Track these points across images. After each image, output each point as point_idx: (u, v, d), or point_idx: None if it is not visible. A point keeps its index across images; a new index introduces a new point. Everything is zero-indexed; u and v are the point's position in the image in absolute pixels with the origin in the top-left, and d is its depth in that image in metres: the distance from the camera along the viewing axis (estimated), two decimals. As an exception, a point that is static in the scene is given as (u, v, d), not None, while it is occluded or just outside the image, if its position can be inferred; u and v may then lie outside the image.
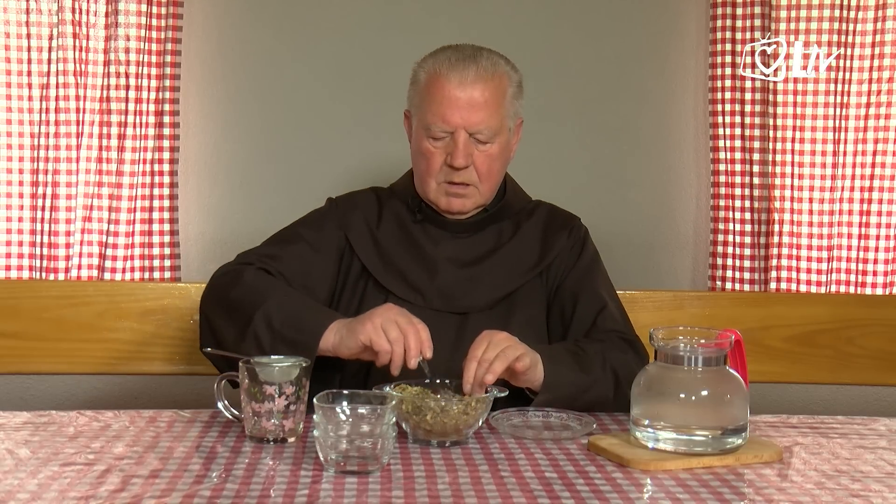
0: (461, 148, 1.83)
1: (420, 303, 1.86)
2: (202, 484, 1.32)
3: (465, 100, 1.82)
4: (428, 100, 1.86)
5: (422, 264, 1.90)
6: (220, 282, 1.83)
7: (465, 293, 1.88)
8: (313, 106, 2.66)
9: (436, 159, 1.87)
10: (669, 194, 2.75)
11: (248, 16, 2.64)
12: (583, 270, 1.94)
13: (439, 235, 1.93)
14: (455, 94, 1.82)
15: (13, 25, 2.45)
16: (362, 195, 2.01)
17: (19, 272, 2.49)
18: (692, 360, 1.49)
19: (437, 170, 1.87)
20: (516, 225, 1.96)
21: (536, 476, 1.38)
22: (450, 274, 1.89)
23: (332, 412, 1.40)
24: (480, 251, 1.92)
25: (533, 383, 1.69)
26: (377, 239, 1.93)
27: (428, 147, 1.87)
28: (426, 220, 1.94)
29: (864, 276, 2.61)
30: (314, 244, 1.91)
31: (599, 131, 2.73)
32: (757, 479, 1.40)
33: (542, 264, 1.92)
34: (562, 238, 1.95)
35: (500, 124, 1.86)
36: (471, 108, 1.82)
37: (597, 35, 2.71)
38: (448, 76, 1.83)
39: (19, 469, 1.37)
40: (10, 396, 2.57)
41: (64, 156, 2.48)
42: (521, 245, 1.94)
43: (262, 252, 1.90)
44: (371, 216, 1.96)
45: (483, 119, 1.83)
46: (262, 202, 2.67)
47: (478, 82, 1.83)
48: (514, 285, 1.90)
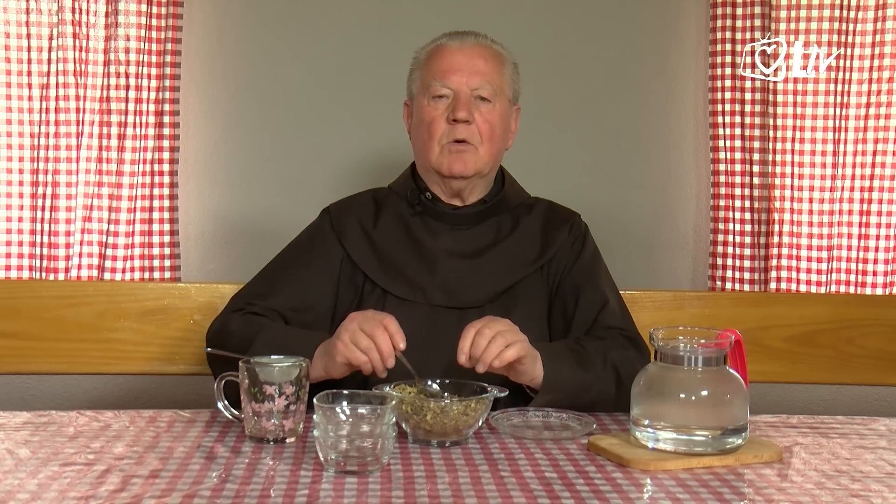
0: (463, 101, 1.87)
1: (421, 300, 1.86)
2: (202, 484, 1.32)
3: (465, 60, 1.89)
4: (429, 67, 1.91)
5: (421, 259, 1.90)
6: (213, 342, 1.83)
7: (465, 287, 1.88)
8: (313, 106, 2.67)
9: (438, 122, 1.88)
10: (669, 194, 2.75)
11: (249, 16, 2.64)
12: (584, 267, 1.94)
13: (438, 228, 1.93)
14: (456, 57, 1.89)
15: (13, 25, 2.45)
16: (357, 199, 2.02)
17: (19, 272, 2.49)
18: (692, 360, 1.49)
19: (440, 132, 1.88)
20: (515, 219, 1.97)
21: (536, 476, 1.38)
22: (450, 267, 1.89)
23: (332, 412, 1.40)
24: (480, 244, 1.93)
25: (532, 380, 1.68)
26: (373, 239, 1.93)
27: (430, 111, 1.89)
28: (425, 213, 1.94)
29: (864, 276, 2.61)
30: (307, 265, 1.92)
31: (599, 131, 2.73)
32: (757, 479, 1.40)
33: (542, 259, 1.92)
34: (562, 234, 1.96)
35: (501, 86, 1.91)
36: (472, 68, 1.88)
37: (597, 35, 2.71)
38: (448, 45, 1.91)
39: (19, 469, 1.37)
40: (10, 396, 2.58)
41: (64, 156, 2.48)
42: (521, 239, 1.94)
43: (252, 291, 1.91)
44: (366, 218, 1.96)
45: (485, 75, 1.88)
46: (262, 202, 2.67)
47: (477, 48, 1.91)
48: (514, 278, 1.90)
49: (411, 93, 1.97)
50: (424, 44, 1.97)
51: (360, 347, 1.59)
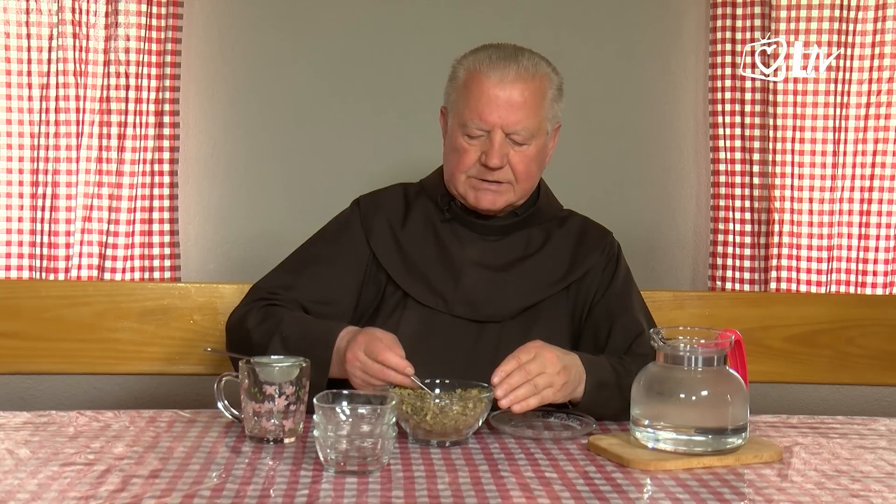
0: (497, 147, 1.78)
1: (442, 308, 1.83)
2: (202, 484, 1.32)
3: (504, 99, 1.77)
4: (466, 96, 1.81)
5: (446, 267, 1.86)
6: (232, 336, 1.82)
7: (488, 300, 1.84)
8: (313, 106, 2.66)
9: (469, 156, 1.81)
10: (669, 194, 2.75)
11: (249, 16, 2.64)
12: (617, 292, 1.89)
13: (467, 236, 1.89)
14: (494, 93, 1.77)
15: (13, 25, 2.45)
16: (388, 194, 1.96)
17: (19, 272, 2.49)
18: (692, 360, 1.49)
19: (469, 166, 1.82)
20: (546, 233, 1.92)
21: (536, 476, 1.38)
22: (474, 278, 1.85)
23: (332, 412, 1.40)
24: (508, 257, 1.88)
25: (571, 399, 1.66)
26: (400, 241, 1.89)
27: (463, 144, 1.82)
28: (455, 220, 1.89)
29: (864, 276, 2.61)
30: (333, 260, 1.88)
31: (599, 131, 2.73)
32: (757, 479, 1.40)
33: (569, 278, 1.88)
34: (594, 255, 1.90)
35: (538, 126, 1.81)
36: (509, 108, 1.78)
37: (597, 35, 2.71)
38: (488, 74, 1.78)
39: (19, 469, 1.37)
40: (10, 396, 2.58)
41: (64, 156, 2.48)
42: (550, 256, 1.89)
43: (276, 282, 1.87)
44: (395, 217, 1.91)
45: (521, 119, 1.78)
46: (261, 202, 2.67)
47: (518, 82, 1.78)
48: (539, 297, 1.86)
49: (447, 104, 1.89)
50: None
51: (373, 383, 1.59)
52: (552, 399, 1.59)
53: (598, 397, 1.66)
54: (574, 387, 1.64)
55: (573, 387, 1.64)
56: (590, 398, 1.66)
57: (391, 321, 1.81)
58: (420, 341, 1.75)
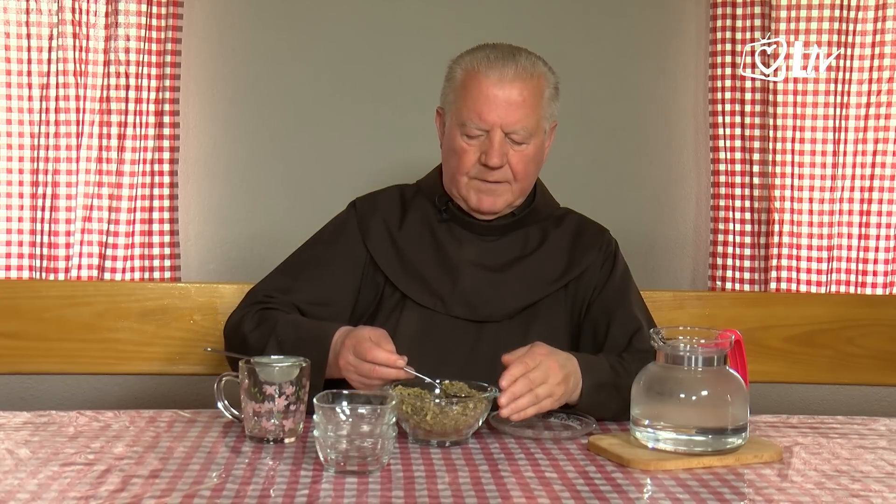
0: (496, 147, 1.79)
1: (440, 309, 1.83)
2: (202, 484, 1.32)
3: (502, 98, 1.78)
4: (464, 96, 1.81)
5: (444, 267, 1.86)
6: (229, 341, 1.82)
7: (486, 300, 1.84)
8: (313, 106, 2.67)
9: (469, 157, 1.82)
10: (669, 194, 2.75)
11: (248, 16, 2.64)
12: (615, 289, 1.90)
13: (464, 237, 1.89)
14: (493, 92, 1.78)
15: (13, 25, 2.45)
16: (385, 195, 1.96)
17: (19, 272, 2.49)
18: (692, 360, 1.49)
19: (469, 167, 1.82)
20: (543, 232, 1.92)
21: (536, 476, 1.38)
22: (472, 279, 1.85)
23: (332, 412, 1.40)
24: (506, 257, 1.88)
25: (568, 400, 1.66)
26: (397, 243, 1.89)
27: (462, 145, 1.82)
28: (452, 220, 1.90)
29: (864, 276, 2.61)
30: (330, 262, 1.88)
31: (599, 131, 2.73)
32: (757, 479, 1.40)
33: (566, 277, 1.88)
34: (591, 253, 1.91)
35: (536, 125, 1.82)
36: (508, 107, 1.78)
37: (597, 35, 2.71)
38: (486, 73, 1.79)
39: (19, 469, 1.37)
40: (10, 396, 2.58)
41: (64, 156, 2.48)
42: (547, 255, 1.89)
43: (273, 286, 1.87)
44: (392, 218, 1.91)
45: (520, 119, 1.79)
46: (262, 202, 2.67)
47: (516, 81, 1.78)
48: (537, 296, 1.86)
49: (444, 105, 1.90)
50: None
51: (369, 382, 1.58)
52: (549, 408, 1.60)
53: (595, 399, 1.67)
54: (571, 393, 1.64)
55: (570, 394, 1.64)
56: (587, 400, 1.66)
57: (390, 322, 1.81)
58: (419, 342, 1.75)
